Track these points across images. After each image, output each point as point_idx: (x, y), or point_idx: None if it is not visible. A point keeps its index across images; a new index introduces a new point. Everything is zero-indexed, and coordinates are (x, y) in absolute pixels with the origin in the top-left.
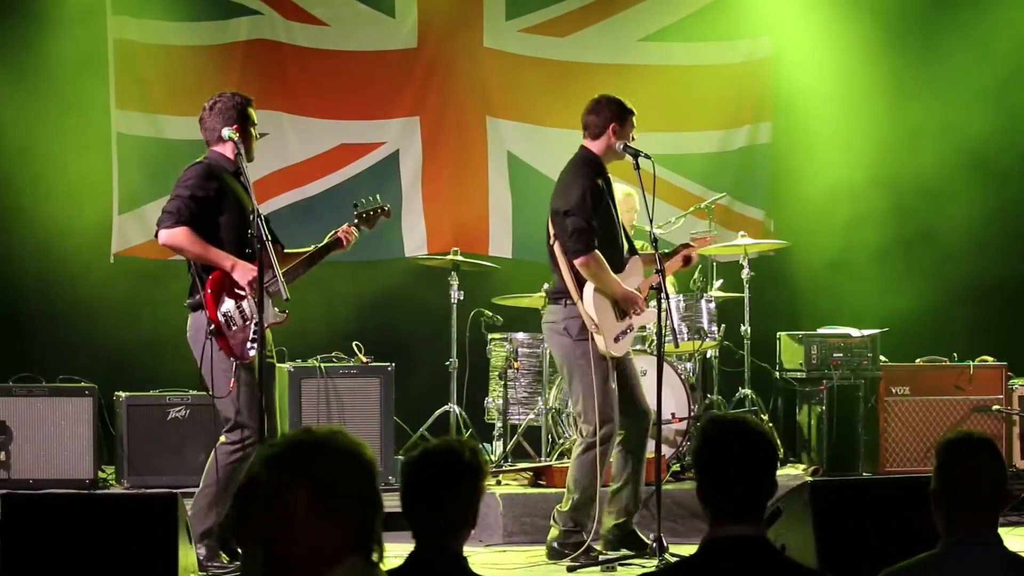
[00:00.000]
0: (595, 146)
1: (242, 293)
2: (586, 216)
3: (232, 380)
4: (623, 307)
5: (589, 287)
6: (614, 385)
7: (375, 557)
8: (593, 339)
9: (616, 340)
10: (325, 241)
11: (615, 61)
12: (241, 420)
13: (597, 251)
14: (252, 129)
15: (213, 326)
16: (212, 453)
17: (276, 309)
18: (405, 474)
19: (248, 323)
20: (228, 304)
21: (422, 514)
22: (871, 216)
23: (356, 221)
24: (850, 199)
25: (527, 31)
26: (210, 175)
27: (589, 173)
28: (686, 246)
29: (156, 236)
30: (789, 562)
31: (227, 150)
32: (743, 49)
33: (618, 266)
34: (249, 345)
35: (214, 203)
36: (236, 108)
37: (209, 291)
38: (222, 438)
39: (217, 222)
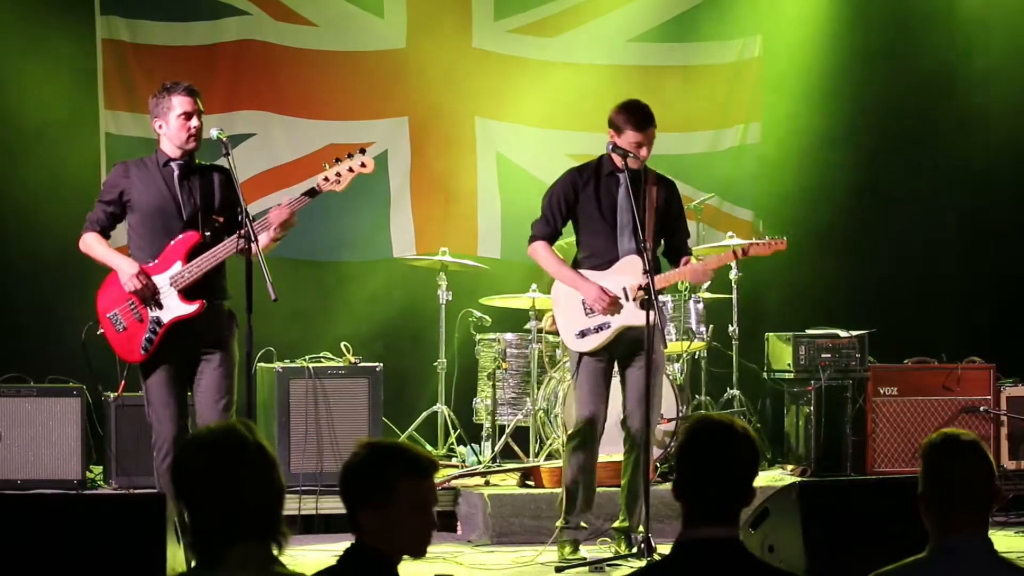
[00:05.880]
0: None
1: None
2: (544, 209)
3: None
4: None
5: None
6: (585, 380)
7: (274, 548)
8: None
9: (581, 336)
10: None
11: (604, 62)
12: (151, 421)
13: (541, 242)
14: (174, 117)
15: (100, 329)
16: None
17: (183, 301)
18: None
19: (143, 324)
20: (117, 305)
21: (363, 511)
22: (859, 217)
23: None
24: (839, 200)
25: (516, 31)
26: (118, 175)
27: (574, 172)
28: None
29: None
30: (763, 564)
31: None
32: (732, 49)
33: (607, 262)
34: (142, 347)
35: (120, 204)
36: (155, 101)
37: (100, 292)
38: None
39: (129, 223)
